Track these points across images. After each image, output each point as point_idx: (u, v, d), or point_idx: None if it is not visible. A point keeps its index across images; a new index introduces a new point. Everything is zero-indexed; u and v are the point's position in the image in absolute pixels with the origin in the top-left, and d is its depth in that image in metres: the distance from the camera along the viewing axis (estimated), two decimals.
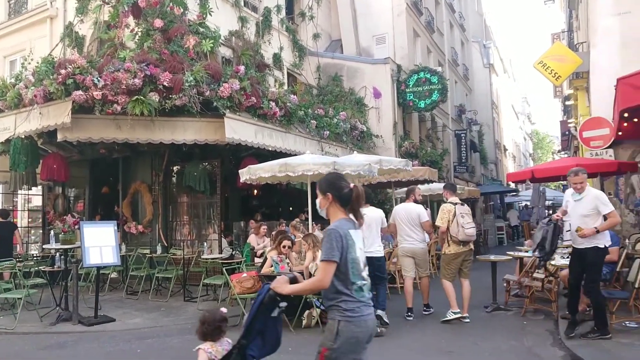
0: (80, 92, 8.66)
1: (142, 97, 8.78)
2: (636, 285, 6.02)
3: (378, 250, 7.26)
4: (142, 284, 9.91)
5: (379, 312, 6.96)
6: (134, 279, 10.23)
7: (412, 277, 7.91)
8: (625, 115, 7.02)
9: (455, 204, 7.56)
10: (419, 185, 13.14)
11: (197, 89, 9.26)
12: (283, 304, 2.93)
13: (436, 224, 7.74)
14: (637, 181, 9.93)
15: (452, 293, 7.42)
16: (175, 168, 11.83)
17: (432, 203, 16.11)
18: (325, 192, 3.05)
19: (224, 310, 3.41)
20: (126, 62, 9.06)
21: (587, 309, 7.11)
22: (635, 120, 7.69)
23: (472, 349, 5.97)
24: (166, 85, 9.02)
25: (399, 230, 8.01)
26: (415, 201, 8.24)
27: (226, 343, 3.21)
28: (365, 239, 6.85)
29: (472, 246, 7.61)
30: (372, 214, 7.25)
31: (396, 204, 13.65)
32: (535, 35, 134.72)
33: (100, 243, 7.79)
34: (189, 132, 9.61)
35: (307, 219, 11.75)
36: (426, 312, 8.00)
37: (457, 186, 16.25)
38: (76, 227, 9.00)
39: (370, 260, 6.76)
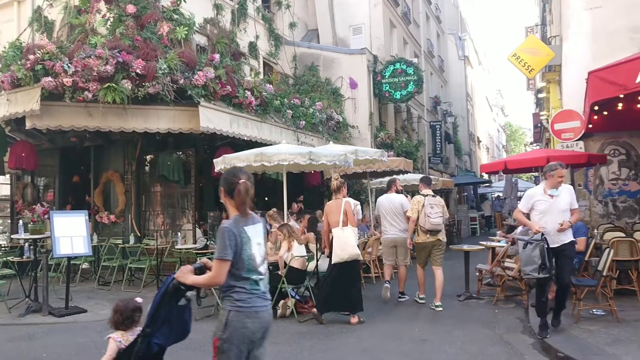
0: (49, 78, 8.45)
1: (114, 85, 8.61)
2: (604, 274, 6.17)
3: None
4: (115, 274, 9.77)
5: None
6: (106, 270, 10.07)
7: (391, 264, 8.31)
8: (596, 108, 7.15)
9: (426, 195, 7.84)
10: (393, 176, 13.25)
11: (171, 77, 9.11)
12: (191, 293, 2.95)
13: (407, 214, 7.98)
14: (605, 173, 10.17)
15: (421, 279, 7.96)
16: (148, 157, 11.65)
17: (408, 193, 16.25)
18: (220, 186, 3.07)
19: (139, 300, 3.39)
20: (97, 48, 8.86)
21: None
22: (605, 113, 7.84)
23: (445, 337, 6.06)
24: (139, 72, 8.84)
25: (383, 221, 8.35)
26: (397, 191, 8.57)
27: (138, 332, 3.20)
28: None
29: (440, 237, 7.76)
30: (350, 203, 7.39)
31: (371, 194, 13.78)
32: (510, 28, 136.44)
33: (70, 233, 7.63)
34: (162, 120, 9.46)
35: (301, 209, 11.75)
36: (401, 299, 8.21)
37: (432, 177, 16.52)
38: (46, 216, 8.82)
39: None
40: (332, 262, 6.81)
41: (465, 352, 5.41)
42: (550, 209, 5.77)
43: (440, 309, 7.48)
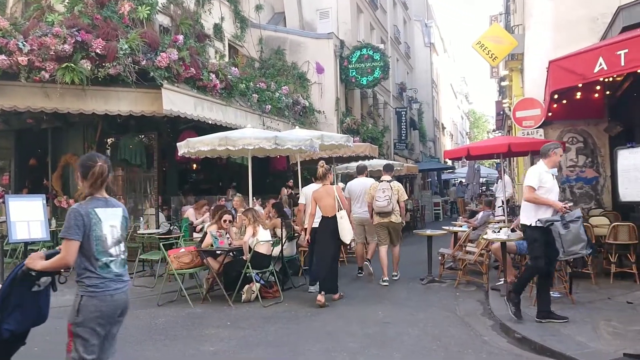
0: (3, 56, 8.12)
1: (72, 65, 8.33)
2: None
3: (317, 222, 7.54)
4: None
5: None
6: None
7: (361, 242, 8.90)
8: (556, 96, 7.31)
9: (382, 181, 8.45)
10: (359, 161, 13.36)
11: (133, 58, 8.87)
12: (45, 279, 3.03)
13: (364, 199, 8.63)
14: (564, 160, 10.44)
15: (383, 261, 8.35)
16: (109, 140, 11.33)
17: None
18: (76, 170, 3.17)
19: None
20: (55, 26, 8.55)
21: (515, 280, 7.49)
22: (565, 101, 8.04)
23: (408, 319, 6.16)
24: (99, 52, 8.58)
25: (353, 203, 8.82)
26: (367, 176, 9.37)
27: None
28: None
29: (392, 219, 8.30)
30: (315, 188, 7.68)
31: (337, 180, 13.81)
32: (475, 16, 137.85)
33: (27, 217, 7.35)
34: (123, 102, 9.22)
35: (291, 194, 11.66)
36: (369, 267, 8.88)
37: (397, 163, 16.72)
38: (0, 200, 8.51)
39: (314, 230, 7.48)
40: (347, 241, 7.27)
41: (427, 334, 5.52)
42: (553, 188, 5.70)
43: (396, 276, 8.51)
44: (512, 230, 7.47)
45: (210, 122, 10.36)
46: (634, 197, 4.40)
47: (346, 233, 7.11)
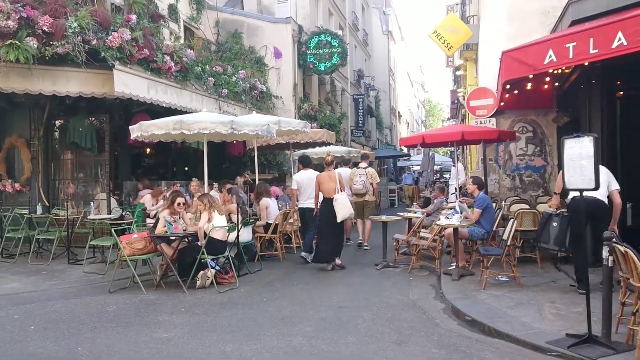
0: None
1: (17, 42, 7.93)
2: (508, 243, 6.59)
3: (310, 203, 9.03)
4: (20, 246, 9.18)
5: (303, 254, 8.90)
6: (11, 241, 9.44)
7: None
8: (508, 86, 7.52)
9: (359, 167, 10.50)
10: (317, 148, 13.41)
11: (83, 37, 8.52)
12: None
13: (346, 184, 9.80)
14: (514, 148, 10.79)
15: (359, 229, 10.64)
16: (57, 122, 10.91)
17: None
18: None
19: None
20: None
21: (467, 264, 7.72)
22: (516, 92, 8.28)
23: (363, 303, 6.26)
24: (46, 30, 8.20)
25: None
26: (350, 167, 11.27)
27: None
28: (302, 195, 9.37)
29: (367, 198, 10.31)
30: (310, 175, 9.17)
31: (294, 166, 13.83)
32: (432, 5, 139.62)
33: None
34: (72, 83, 8.88)
35: (247, 181, 11.47)
36: (347, 243, 10.45)
37: (354, 150, 16.94)
38: None
39: (304, 210, 9.00)
40: (338, 220, 8.19)
41: (381, 318, 5.62)
42: None
43: (367, 248, 10.24)
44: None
45: (164, 105, 10.11)
46: (578, 185, 4.58)
47: (342, 210, 8.15)
